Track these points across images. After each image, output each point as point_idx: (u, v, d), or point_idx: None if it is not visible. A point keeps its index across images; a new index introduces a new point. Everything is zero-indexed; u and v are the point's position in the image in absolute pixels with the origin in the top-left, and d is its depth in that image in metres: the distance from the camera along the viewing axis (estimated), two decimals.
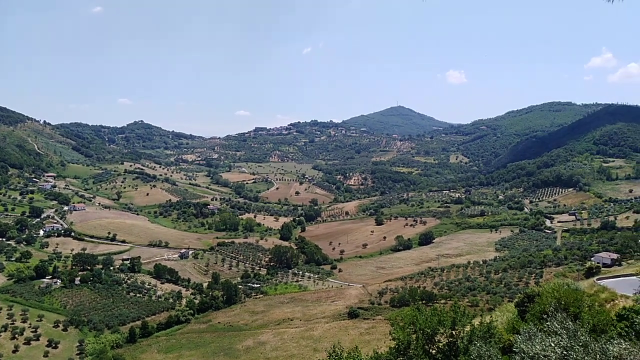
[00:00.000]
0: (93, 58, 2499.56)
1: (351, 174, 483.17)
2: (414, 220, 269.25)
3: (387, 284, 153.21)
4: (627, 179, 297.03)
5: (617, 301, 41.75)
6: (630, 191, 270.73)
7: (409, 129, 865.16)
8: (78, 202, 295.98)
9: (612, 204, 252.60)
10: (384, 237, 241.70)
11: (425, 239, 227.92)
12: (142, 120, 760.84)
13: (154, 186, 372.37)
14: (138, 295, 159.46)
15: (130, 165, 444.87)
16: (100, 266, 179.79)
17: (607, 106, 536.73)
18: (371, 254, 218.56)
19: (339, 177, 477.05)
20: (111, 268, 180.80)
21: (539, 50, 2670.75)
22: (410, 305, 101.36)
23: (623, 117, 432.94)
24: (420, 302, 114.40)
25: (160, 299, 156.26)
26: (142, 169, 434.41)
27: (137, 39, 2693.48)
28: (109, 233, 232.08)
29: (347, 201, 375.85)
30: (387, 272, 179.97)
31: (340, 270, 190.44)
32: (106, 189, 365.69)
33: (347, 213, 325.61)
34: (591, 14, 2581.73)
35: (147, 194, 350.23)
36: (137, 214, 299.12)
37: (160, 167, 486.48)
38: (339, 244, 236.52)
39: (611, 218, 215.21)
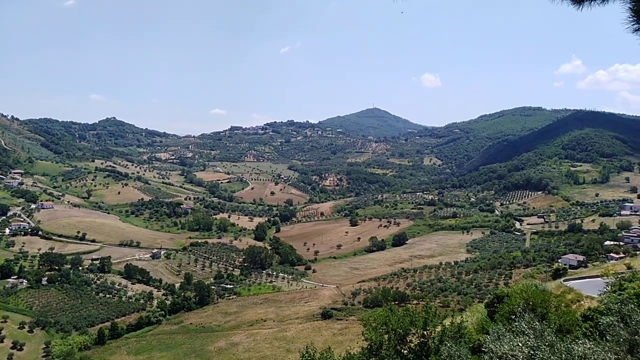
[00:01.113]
0: (65, 53, 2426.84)
1: (327, 174, 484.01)
2: (388, 222, 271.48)
3: (361, 284, 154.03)
4: (594, 183, 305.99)
5: (582, 302, 42.99)
6: (597, 195, 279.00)
7: (384, 130, 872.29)
8: (46, 200, 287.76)
9: (579, 207, 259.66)
10: (359, 238, 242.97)
11: (399, 240, 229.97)
12: (114, 117, 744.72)
13: (126, 184, 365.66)
14: (108, 296, 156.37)
15: (102, 163, 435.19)
16: (69, 266, 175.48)
17: (576, 112, 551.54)
18: (345, 254, 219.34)
19: (314, 177, 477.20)
20: (80, 268, 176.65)
21: (511, 56, 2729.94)
22: (383, 306, 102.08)
23: (591, 123, 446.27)
24: (393, 303, 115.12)
25: (130, 300, 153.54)
26: (113, 167, 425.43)
27: (111, 34, 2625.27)
28: (78, 232, 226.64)
29: (322, 202, 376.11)
30: (360, 273, 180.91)
31: (314, 271, 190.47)
32: (76, 187, 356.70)
33: (322, 214, 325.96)
34: (561, 22, 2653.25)
35: (119, 193, 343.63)
36: (108, 213, 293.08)
37: (132, 165, 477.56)
38: (314, 244, 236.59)
39: (578, 221, 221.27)
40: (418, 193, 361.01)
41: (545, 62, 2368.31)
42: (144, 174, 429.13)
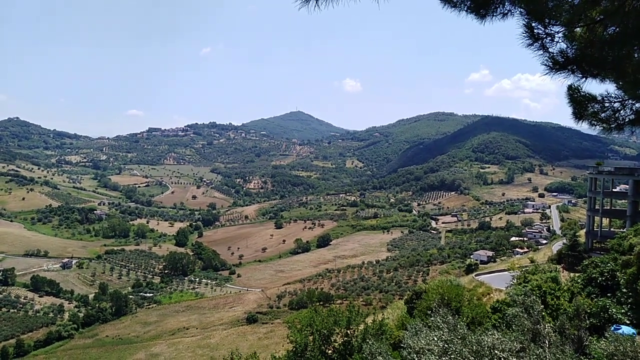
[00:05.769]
0: None
1: (251, 177, 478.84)
2: (313, 223, 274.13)
3: (286, 287, 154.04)
4: (501, 183, 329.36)
5: (492, 295, 46.23)
6: (503, 194, 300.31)
7: (308, 134, 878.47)
8: None
9: (488, 206, 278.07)
10: (284, 241, 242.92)
11: (323, 242, 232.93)
12: (17, 117, 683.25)
13: (32, 190, 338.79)
14: (12, 310, 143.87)
15: (3, 167, 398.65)
16: None
17: (484, 117, 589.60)
18: (271, 257, 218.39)
19: (238, 180, 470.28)
20: None
21: (426, 65, 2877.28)
22: (308, 307, 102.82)
23: (497, 127, 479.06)
24: (318, 304, 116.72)
25: (38, 314, 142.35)
26: (17, 171, 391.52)
27: (12, 24, 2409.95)
28: None
29: (247, 205, 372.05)
30: (286, 275, 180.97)
31: (239, 276, 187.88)
32: None
33: (246, 217, 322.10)
34: (470, 33, 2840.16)
35: (23, 199, 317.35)
36: (11, 221, 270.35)
37: (39, 169, 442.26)
38: (238, 248, 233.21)
39: (487, 219, 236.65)
40: (341, 195, 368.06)
41: (457, 71, 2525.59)
42: (52, 179, 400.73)
